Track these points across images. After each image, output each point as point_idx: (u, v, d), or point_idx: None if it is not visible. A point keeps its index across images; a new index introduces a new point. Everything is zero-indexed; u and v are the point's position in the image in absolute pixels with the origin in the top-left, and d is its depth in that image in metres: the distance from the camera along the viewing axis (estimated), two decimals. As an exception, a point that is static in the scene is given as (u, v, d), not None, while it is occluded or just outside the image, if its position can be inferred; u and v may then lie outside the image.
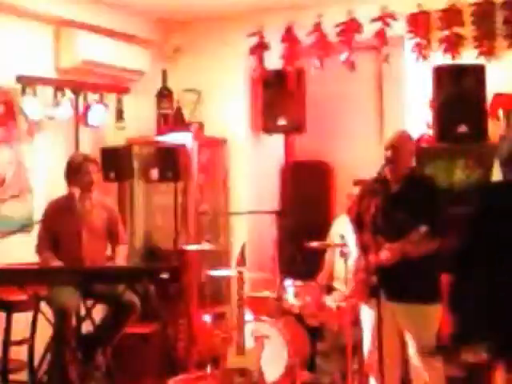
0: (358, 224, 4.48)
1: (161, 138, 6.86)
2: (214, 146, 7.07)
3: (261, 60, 6.74)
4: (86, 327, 5.36)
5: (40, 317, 5.38)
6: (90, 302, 5.31)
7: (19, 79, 5.88)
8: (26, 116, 5.98)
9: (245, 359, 5.01)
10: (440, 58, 6.03)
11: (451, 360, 4.53)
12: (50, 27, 6.39)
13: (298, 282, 5.65)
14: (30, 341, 5.48)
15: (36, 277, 4.71)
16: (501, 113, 5.65)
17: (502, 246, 3.26)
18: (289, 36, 6.59)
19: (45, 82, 6.07)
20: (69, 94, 6.12)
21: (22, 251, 5.47)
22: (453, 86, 5.60)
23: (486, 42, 5.91)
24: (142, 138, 6.94)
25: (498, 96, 5.66)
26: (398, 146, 4.37)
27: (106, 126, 6.47)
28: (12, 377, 5.39)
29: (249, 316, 5.48)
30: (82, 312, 5.30)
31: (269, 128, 6.63)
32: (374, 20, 6.19)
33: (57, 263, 5.21)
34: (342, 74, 6.48)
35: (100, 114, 6.30)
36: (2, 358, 5.30)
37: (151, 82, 7.00)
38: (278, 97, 6.50)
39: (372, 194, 4.24)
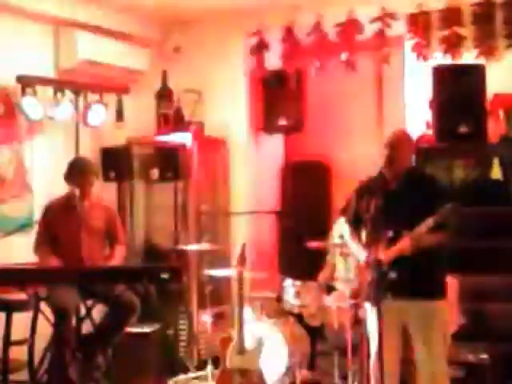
0: (356, 223, 4.48)
1: (161, 138, 6.85)
2: (214, 146, 7.06)
3: (261, 60, 6.74)
4: (86, 327, 5.36)
5: (40, 317, 5.37)
6: (89, 302, 5.32)
7: (19, 79, 5.88)
8: (26, 116, 5.98)
9: (245, 359, 5.01)
10: (440, 57, 6.03)
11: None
12: (50, 27, 6.40)
13: (298, 282, 5.65)
14: (30, 341, 5.47)
15: (36, 277, 4.69)
16: (501, 113, 5.64)
17: None
18: (289, 36, 6.59)
19: (45, 81, 6.07)
20: (69, 94, 6.12)
21: (22, 251, 5.47)
22: (453, 86, 5.59)
23: (486, 41, 5.91)
24: (142, 138, 6.94)
25: (497, 96, 5.66)
26: (396, 145, 4.36)
27: (105, 126, 6.47)
28: (12, 377, 5.38)
29: (249, 316, 5.48)
30: (82, 312, 5.30)
31: (269, 128, 6.63)
32: (374, 20, 6.20)
33: (54, 261, 5.21)
34: (341, 74, 6.48)
35: (100, 113, 6.29)
36: (2, 358, 5.30)
37: (151, 81, 7.00)
38: (278, 97, 6.51)
39: (370, 193, 4.23)
